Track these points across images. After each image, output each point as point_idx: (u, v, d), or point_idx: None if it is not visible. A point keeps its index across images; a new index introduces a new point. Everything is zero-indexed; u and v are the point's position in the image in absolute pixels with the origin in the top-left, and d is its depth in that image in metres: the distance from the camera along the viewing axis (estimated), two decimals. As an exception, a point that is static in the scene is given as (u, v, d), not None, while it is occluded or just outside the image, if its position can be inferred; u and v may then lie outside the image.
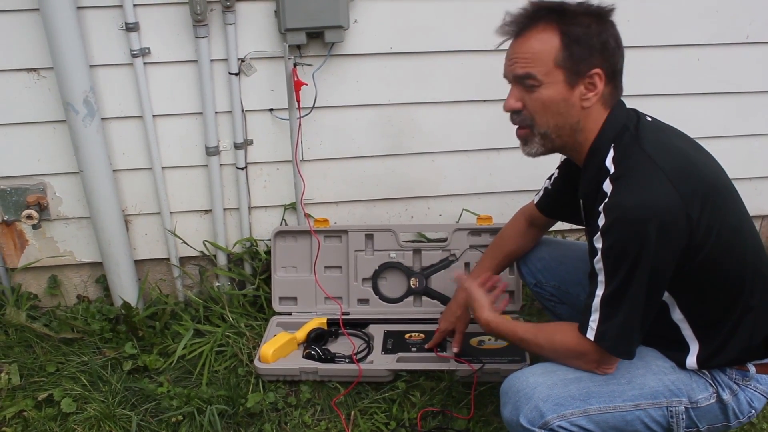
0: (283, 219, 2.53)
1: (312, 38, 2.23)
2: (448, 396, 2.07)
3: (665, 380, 1.50)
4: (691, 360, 1.51)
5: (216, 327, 2.38)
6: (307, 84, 2.27)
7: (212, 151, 2.35)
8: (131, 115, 2.28)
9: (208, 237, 2.51)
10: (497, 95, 2.36)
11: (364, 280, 2.44)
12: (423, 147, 2.48)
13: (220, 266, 2.53)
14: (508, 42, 1.53)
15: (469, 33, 2.32)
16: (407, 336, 2.27)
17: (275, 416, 2.04)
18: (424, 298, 2.44)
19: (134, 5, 2.13)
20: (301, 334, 2.26)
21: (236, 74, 2.26)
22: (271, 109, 2.36)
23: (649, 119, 1.57)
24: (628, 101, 1.57)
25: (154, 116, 2.29)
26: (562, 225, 1.97)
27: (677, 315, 1.50)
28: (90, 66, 2.16)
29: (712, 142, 1.69)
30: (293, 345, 2.23)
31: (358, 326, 2.35)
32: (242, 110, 2.33)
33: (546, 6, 1.47)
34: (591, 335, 1.46)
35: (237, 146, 2.36)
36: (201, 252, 2.52)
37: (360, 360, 2.17)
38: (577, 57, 1.44)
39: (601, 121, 1.51)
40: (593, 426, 1.46)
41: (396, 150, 2.47)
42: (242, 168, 2.40)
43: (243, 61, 2.26)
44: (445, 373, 2.10)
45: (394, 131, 2.44)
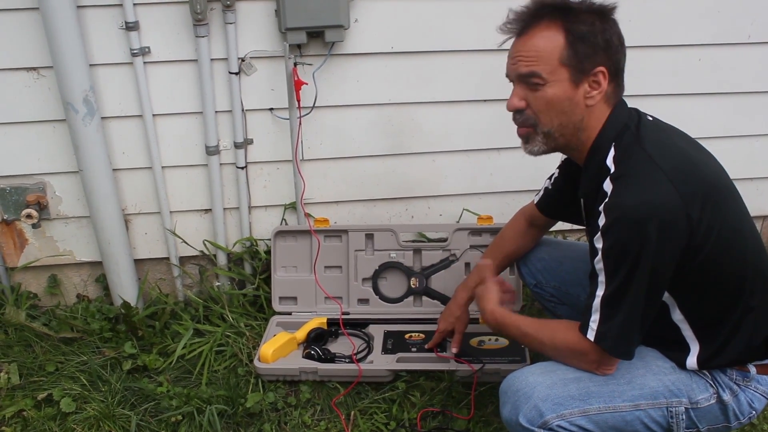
0: (283, 219, 2.53)
1: (312, 37, 2.23)
2: (448, 396, 2.06)
3: (665, 380, 1.49)
4: (692, 360, 1.50)
5: (216, 327, 2.38)
6: (308, 83, 2.27)
7: (212, 151, 2.34)
8: (131, 115, 2.28)
9: (208, 236, 2.51)
10: (498, 95, 2.36)
11: (364, 280, 2.43)
12: (423, 147, 2.48)
13: (220, 266, 2.52)
14: (510, 42, 1.53)
15: (470, 32, 2.31)
16: (407, 336, 2.27)
17: (275, 416, 2.04)
18: (425, 298, 2.43)
19: (134, 4, 2.13)
20: (301, 334, 2.26)
21: (236, 73, 2.26)
22: (272, 109, 2.35)
23: (650, 119, 1.56)
24: (629, 101, 1.56)
25: (154, 115, 2.29)
26: (563, 225, 1.97)
27: (677, 315, 1.50)
28: (90, 65, 2.16)
29: (713, 143, 1.68)
30: (293, 345, 2.23)
31: (358, 326, 2.35)
32: (242, 109, 2.32)
33: (550, 4, 1.46)
34: (591, 336, 1.45)
35: (237, 146, 2.36)
36: (201, 251, 2.52)
37: (360, 360, 2.17)
38: (582, 55, 1.43)
39: (603, 120, 1.50)
40: (593, 426, 1.46)
41: (396, 150, 2.47)
42: (242, 167, 2.40)
43: (243, 61, 2.26)
44: (445, 374, 2.10)
45: (395, 131, 2.44)
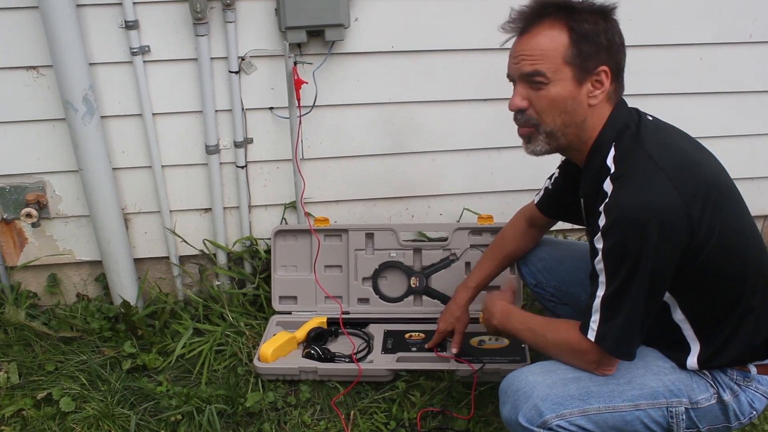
0: (283, 218, 2.52)
1: (312, 36, 2.23)
2: (448, 396, 2.06)
3: (665, 380, 1.49)
4: (692, 360, 1.50)
5: (215, 326, 2.37)
6: (308, 82, 2.26)
7: (212, 150, 2.34)
8: (131, 114, 2.28)
9: (208, 236, 2.51)
10: (498, 94, 2.36)
11: (365, 280, 2.43)
12: (424, 146, 2.48)
13: (220, 265, 2.52)
14: (511, 41, 1.52)
15: (471, 31, 2.31)
16: (407, 336, 2.26)
17: (274, 416, 2.04)
18: (425, 298, 2.43)
19: (134, 3, 2.12)
20: (301, 334, 2.26)
21: (236, 72, 2.26)
22: (272, 108, 2.35)
23: (650, 118, 1.56)
24: (630, 100, 1.56)
25: (154, 114, 2.29)
26: (563, 225, 1.97)
27: (678, 315, 1.50)
28: (89, 64, 2.16)
29: (714, 142, 1.68)
30: (293, 344, 2.22)
31: (358, 326, 2.35)
32: (242, 109, 2.32)
33: (553, 3, 1.46)
34: (591, 336, 1.45)
35: (237, 145, 2.35)
36: (201, 251, 2.52)
37: (360, 359, 2.17)
38: (586, 54, 1.43)
39: (605, 120, 1.50)
40: (592, 426, 1.46)
41: (396, 149, 2.47)
42: (242, 167, 2.39)
43: (243, 60, 2.26)
44: (445, 373, 2.10)
45: (395, 130, 2.43)
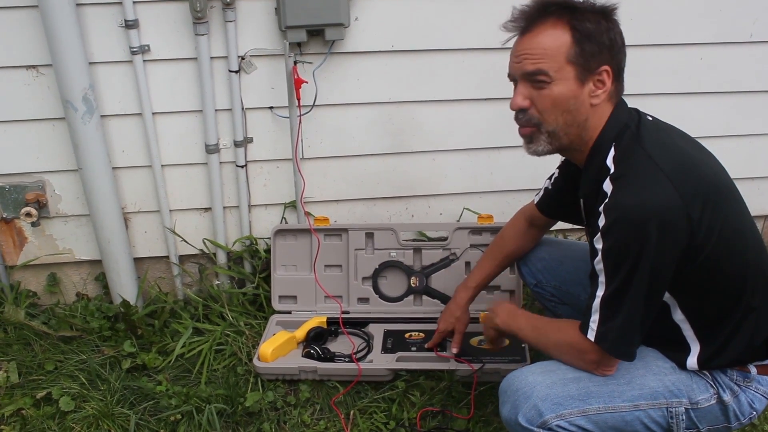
0: (283, 217, 2.52)
1: (312, 36, 2.22)
2: (448, 396, 2.06)
3: (665, 381, 1.49)
4: (692, 361, 1.50)
5: (215, 325, 2.37)
6: (308, 82, 2.26)
7: (212, 149, 2.34)
8: (131, 113, 2.28)
9: (208, 235, 2.50)
10: (498, 93, 2.36)
11: (364, 279, 2.43)
12: (424, 145, 2.47)
13: (220, 264, 2.52)
14: (512, 41, 1.51)
15: (471, 31, 2.31)
16: (407, 335, 2.26)
17: (274, 415, 2.04)
18: (425, 297, 2.43)
19: (134, 2, 2.12)
20: (301, 333, 2.26)
21: (236, 72, 2.25)
22: (272, 107, 2.35)
23: (650, 118, 1.55)
24: (630, 100, 1.55)
25: (154, 114, 2.29)
26: (563, 225, 1.96)
27: (678, 315, 1.49)
28: (89, 63, 2.15)
29: (715, 142, 1.68)
30: (293, 344, 2.22)
31: (358, 325, 2.35)
32: (242, 108, 2.32)
33: (556, 2, 1.45)
34: (591, 336, 1.45)
35: (237, 144, 2.35)
36: (200, 250, 2.51)
37: (359, 359, 2.16)
38: (588, 54, 1.42)
39: (605, 120, 1.50)
40: (592, 426, 1.45)
41: (397, 148, 2.46)
42: (242, 166, 2.39)
43: (243, 59, 2.25)
44: (445, 373, 2.10)
45: (395, 129, 2.43)
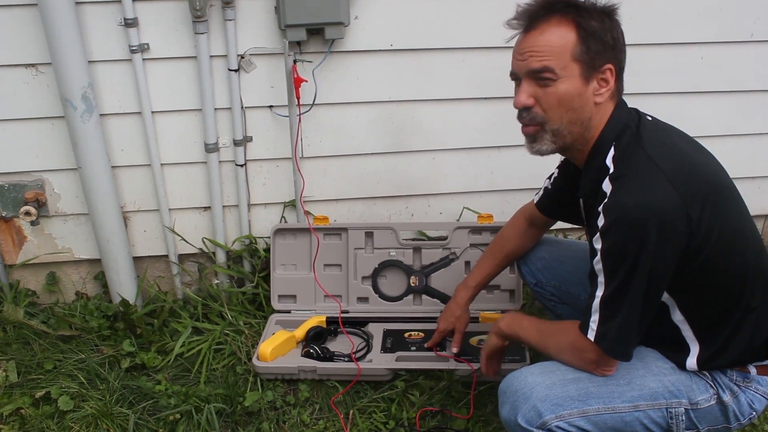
0: (283, 216, 2.52)
1: (312, 35, 2.22)
2: (448, 395, 2.05)
3: (665, 381, 1.49)
4: (692, 361, 1.49)
5: (215, 325, 2.37)
6: (307, 81, 2.26)
7: (211, 148, 2.33)
8: (130, 112, 2.27)
9: (207, 234, 2.50)
10: (499, 93, 2.36)
11: (364, 279, 2.43)
12: (424, 145, 2.47)
13: (219, 264, 2.52)
14: (514, 40, 1.51)
15: (471, 30, 2.30)
16: (407, 335, 2.26)
17: (273, 415, 2.03)
18: (424, 297, 2.42)
19: (133, 0, 2.11)
20: (300, 333, 2.25)
21: (236, 71, 2.25)
22: (271, 106, 2.34)
23: (650, 118, 1.55)
24: (631, 99, 1.55)
25: (153, 113, 2.28)
26: (563, 224, 1.96)
27: (677, 316, 1.49)
28: (88, 62, 2.15)
29: (716, 141, 1.68)
30: (292, 343, 2.22)
31: (358, 325, 2.34)
32: (242, 107, 2.31)
33: (561, 0, 1.45)
34: (591, 336, 1.45)
35: (236, 143, 2.35)
36: (200, 249, 2.51)
37: (359, 359, 2.16)
38: (593, 51, 1.42)
39: (606, 119, 1.49)
40: (592, 427, 1.45)
41: (396, 147, 2.46)
42: (242, 165, 2.39)
43: (243, 58, 2.25)
44: (445, 373, 2.09)
45: (395, 129, 2.43)
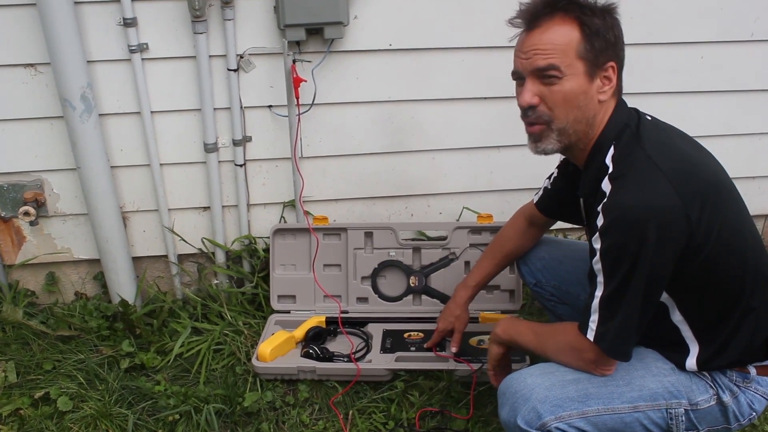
0: (282, 216, 2.52)
1: (311, 34, 2.21)
2: (447, 396, 2.05)
3: (665, 382, 1.48)
4: (691, 362, 1.49)
5: (214, 325, 2.37)
6: (307, 81, 2.25)
7: (211, 148, 2.33)
8: (129, 112, 2.27)
9: (207, 234, 2.50)
10: (498, 92, 2.36)
11: (363, 279, 2.42)
12: (423, 144, 2.47)
13: (219, 264, 2.51)
14: (515, 39, 1.51)
15: (470, 29, 2.30)
16: (406, 335, 2.25)
17: (273, 415, 2.03)
18: (424, 297, 2.42)
19: (132, 0, 2.11)
20: (300, 333, 2.25)
21: (235, 70, 2.25)
22: (270, 106, 2.34)
23: (649, 118, 1.55)
24: (631, 99, 1.55)
25: (152, 112, 2.28)
26: (563, 224, 1.96)
27: (677, 316, 1.49)
28: (87, 62, 2.15)
29: (716, 141, 1.68)
30: (291, 344, 2.21)
31: (357, 325, 2.34)
32: (241, 107, 2.31)
33: None
34: (591, 336, 1.45)
35: (236, 143, 2.35)
36: (199, 249, 2.51)
37: (358, 359, 2.16)
38: (597, 49, 1.42)
39: (608, 117, 1.49)
40: (591, 428, 1.44)
41: (396, 147, 2.45)
42: (241, 165, 2.39)
43: (242, 58, 2.25)
44: (444, 373, 2.09)
45: (395, 128, 2.42)
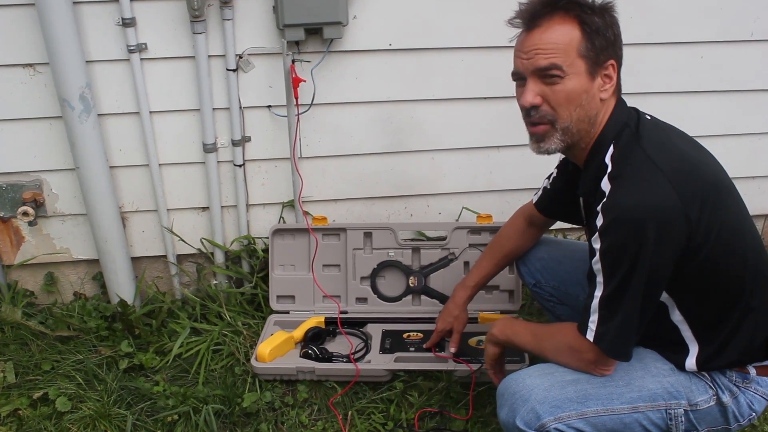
0: (281, 217, 2.51)
1: (310, 34, 2.21)
2: (446, 396, 2.05)
3: (664, 382, 1.48)
4: (691, 362, 1.49)
5: (213, 325, 2.36)
6: (306, 81, 2.25)
7: (210, 148, 2.33)
8: (128, 112, 2.27)
9: (206, 234, 2.50)
10: (498, 92, 2.36)
11: (363, 279, 2.42)
12: (423, 145, 2.46)
13: (218, 264, 2.51)
14: (515, 39, 1.51)
15: (470, 29, 2.29)
16: (405, 335, 2.25)
17: (272, 416, 2.03)
18: (423, 297, 2.42)
19: (131, 0, 2.11)
20: (299, 333, 2.25)
21: (234, 70, 2.24)
22: (270, 106, 2.34)
23: (649, 118, 1.55)
24: (631, 98, 1.55)
25: (151, 113, 2.28)
26: (562, 224, 1.96)
27: (677, 316, 1.49)
28: (86, 62, 2.14)
29: (716, 141, 1.67)
30: (290, 344, 2.21)
31: (356, 325, 2.34)
32: (240, 107, 2.31)
33: None
34: (590, 336, 1.44)
35: (235, 143, 2.34)
36: (198, 249, 2.51)
37: (358, 359, 2.15)
38: (598, 48, 1.42)
39: (608, 116, 1.49)
40: (590, 428, 1.44)
41: (395, 147, 2.45)
42: (240, 165, 2.38)
43: (241, 57, 2.24)
44: (443, 374, 2.08)
45: (394, 128, 2.42)
